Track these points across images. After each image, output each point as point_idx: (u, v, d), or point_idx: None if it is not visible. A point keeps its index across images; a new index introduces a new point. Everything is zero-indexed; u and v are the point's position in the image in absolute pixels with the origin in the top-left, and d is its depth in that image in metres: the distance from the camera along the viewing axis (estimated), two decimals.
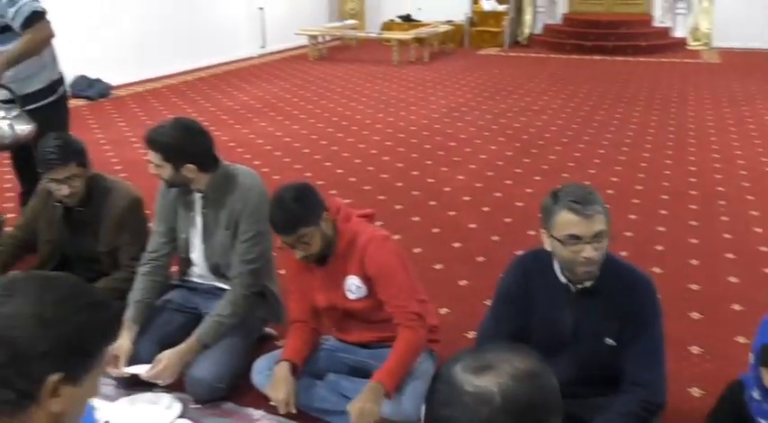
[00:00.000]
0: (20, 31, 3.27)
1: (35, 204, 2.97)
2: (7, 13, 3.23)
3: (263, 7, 11.40)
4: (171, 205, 2.74)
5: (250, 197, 2.61)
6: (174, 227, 2.76)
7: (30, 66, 3.35)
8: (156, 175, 2.64)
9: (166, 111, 7.60)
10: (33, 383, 1.05)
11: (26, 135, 3.32)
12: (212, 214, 2.67)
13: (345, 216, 2.39)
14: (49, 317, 1.07)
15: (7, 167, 5.19)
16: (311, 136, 6.54)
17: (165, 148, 2.52)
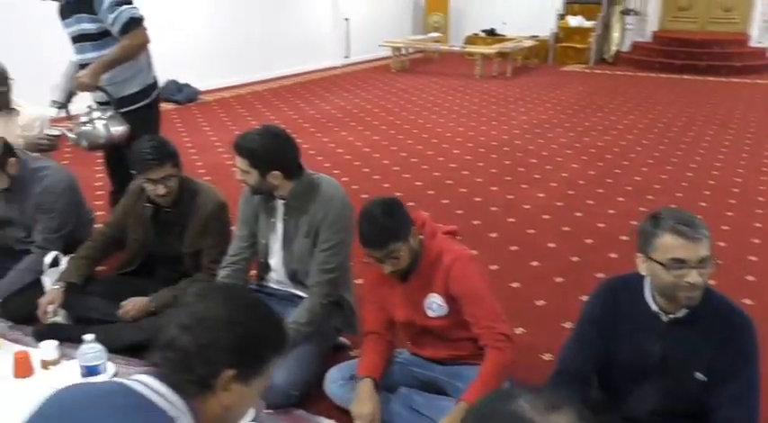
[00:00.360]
0: (118, 36, 3.40)
1: (126, 203, 3.07)
2: (107, 19, 3.36)
3: (349, 18, 11.54)
4: (253, 211, 2.78)
5: (332, 207, 2.62)
6: (255, 232, 2.80)
7: (126, 70, 3.48)
8: (241, 180, 2.68)
9: (251, 117, 7.77)
10: (212, 373, 1.23)
11: (120, 136, 3.44)
12: (293, 221, 2.69)
13: (431, 232, 2.36)
14: (236, 318, 1.25)
15: (98, 167, 5.40)
16: (391, 147, 6.56)
17: (253, 154, 2.56)
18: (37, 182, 3.12)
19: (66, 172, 3.25)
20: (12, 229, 3.25)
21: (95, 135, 3.41)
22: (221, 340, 1.23)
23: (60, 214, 3.15)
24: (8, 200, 3.15)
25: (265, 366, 1.29)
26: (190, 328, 1.23)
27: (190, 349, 1.22)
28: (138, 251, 3.07)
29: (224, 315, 1.25)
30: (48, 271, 3.05)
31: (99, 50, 3.44)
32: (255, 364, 1.28)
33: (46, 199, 3.11)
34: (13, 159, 3.05)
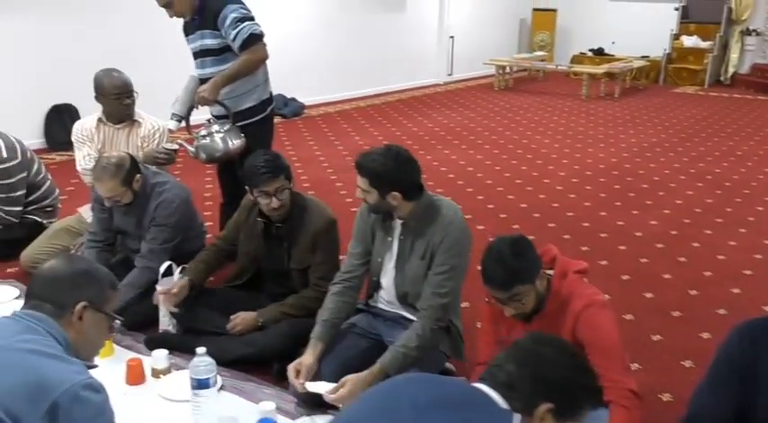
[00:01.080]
0: (238, 51, 3.47)
1: (238, 218, 3.11)
2: (229, 35, 3.43)
3: (454, 36, 11.51)
4: (370, 228, 2.75)
5: (451, 231, 2.55)
6: (369, 249, 2.76)
7: (244, 84, 3.54)
8: (361, 198, 2.65)
9: (354, 132, 7.83)
10: (534, 402, 1.48)
11: (236, 149, 3.50)
12: (409, 242, 2.63)
13: (562, 272, 2.24)
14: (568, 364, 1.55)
15: (208, 177, 5.56)
16: (495, 167, 6.44)
17: (374, 174, 2.52)
18: (155, 197, 3.20)
19: (182, 187, 3.32)
20: (129, 241, 3.35)
21: (213, 148, 3.49)
22: (553, 378, 1.51)
23: (172, 228, 3.22)
24: (126, 212, 3.25)
25: (578, 412, 1.53)
26: (526, 364, 1.51)
27: (523, 378, 1.50)
28: (248, 265, 3.10)
29: (560, 359, 1.54)
30: (162, 280, 3.11)
31: (219, 65, 3.52)
32: (571, 407, 1.52)
33: (161, 213, 3.19)
34: (138, 175, 3.15)
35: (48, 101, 6.54)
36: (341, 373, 2.45)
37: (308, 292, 2.97)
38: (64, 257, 1.82)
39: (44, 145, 6.53)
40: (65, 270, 1.74)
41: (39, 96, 6.46)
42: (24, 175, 3.78)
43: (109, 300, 1.78)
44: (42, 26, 6.40)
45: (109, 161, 3.08)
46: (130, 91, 3.66)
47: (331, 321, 2.64)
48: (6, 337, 1.60)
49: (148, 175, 3.25)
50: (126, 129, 3.72)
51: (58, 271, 1.74)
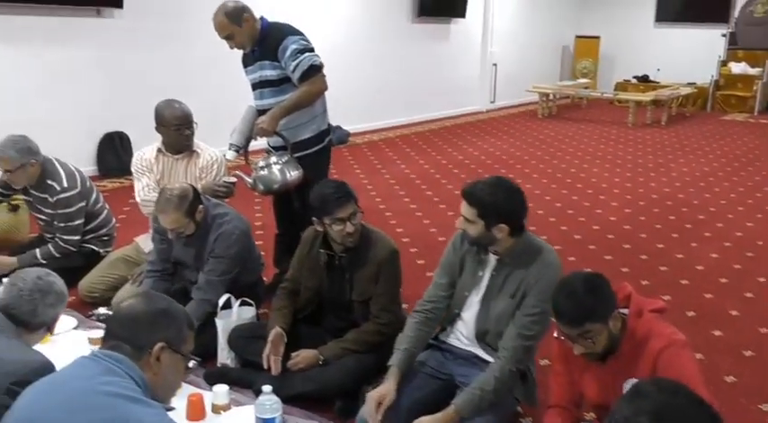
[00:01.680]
0: (297, 82, 3.46)
1: (301, 253, 3.06)
2: (289, 66, 3.43)
3: (497, 63, 11.48)
4: (460, 259, 2.67)
5: (547, 273, 2.46)
6: (455, 282, 2.68)
7: (303, 115, 3.53)
8: (461, 229, 2.56)
9: (400, 161, 7.80)
10: None
11: (294, 180, 3.48)
12: (501, 279, 2.55)
13: (637, 310, 2.14)
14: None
15: (257, 206, 5.56)
16: (545, 197, 6.34)
17: (483, 204, 2.44)
18: (215, 229, 3.17)
19: (242, 220, 3.29)
20: (187, 272, 3.33)
21: (271, 180, 3.47)
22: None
23: (230, 260, 3.18)
24: (186, 244, 3.23)
25: None
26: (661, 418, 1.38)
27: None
28: (311, 298, 3.04)
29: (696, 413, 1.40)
30: (220, 313, 3.08)
31: (278, 96, 3.51)
32: None
33: (220, 245, 3.15)
34: (201, 207, 3.13)
35: (101, 128, 6.63)
36: (413, 415, 2.37)
37: (369, 325, 2.91)
38: (142, 296, 1.79)
39: (96, 172, 6.61)
40: (143, 310, 1.70)
41: (92, 124, 6.56)
42: (83, 204, 3.79)
43: (186, 340, 1.74)
44: (97, 55, 6.51)
45: (172, 193, 3.06)
46: (190, 122, 3.66)
47: (410, 350, 2.57)
48: (88, 379, 1.57)
49: (209, 206, 3.23)
50: (185, 159, 3.72)
51: (136, 310, 1.70)
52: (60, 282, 2.19)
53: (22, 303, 2.07)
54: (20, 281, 2.09)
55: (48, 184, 3.74)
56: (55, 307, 2.14)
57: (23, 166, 3.65)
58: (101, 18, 6.53)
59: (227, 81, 7.22)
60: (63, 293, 2.19)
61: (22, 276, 2.10)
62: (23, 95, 6.03)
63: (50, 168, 3.77)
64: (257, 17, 3.55)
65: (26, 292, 2.07)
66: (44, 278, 2.14)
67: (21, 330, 2.08)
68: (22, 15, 5.94)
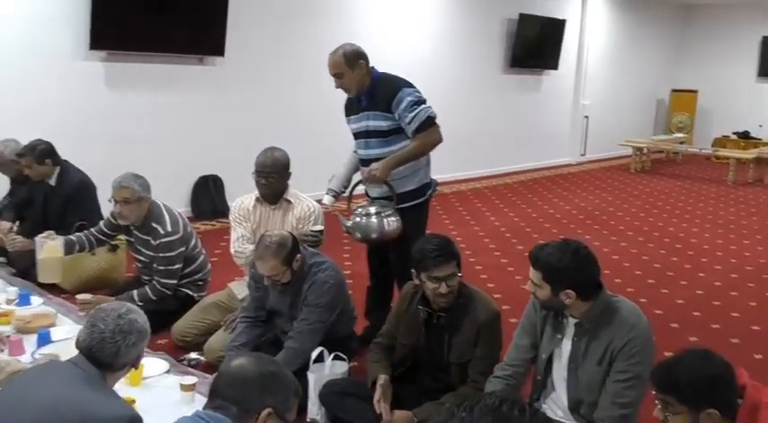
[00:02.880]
0: (411, 134, 3.44)
1: (399, 308, 2.98)
2: (405, 118, 3.43)
3: (588, 115, 11.27)
4: (541, 321, 2.55)
5: (633, 336, 2.31)
6: (537, 344, 2.56)
7: (409, 166, 3.51)
8: (531, 292, 2.48)
9: (489, 212, 7.67)
10: None
11: (392, 232, 3.43)
12: (584, 345, 2.41)
13: (752, 405, 1.87)
14: None
15: (346, 254, 5.52)
16: (642, 257, 6.06)
17: (549, 268, 2.35)
18: (310, 277, 3.13)
19: (337, 270, 3.24)
20: (280, 321, 3.29)
21: (370, 228, 3.44)
22: None
23: (323, 309, 3.12)
24: (282, 292, 3.19)
25: None
26: None
27: None
28: (406, 356, 2.94)
29: None
30: (312, 366, 3.01)
31: (385, 147, 3.51)
32: None
33: (313, 293, 3.10)
34: (299, 255, 3.10)
35: (197, 171, 6.79)
36: None
37: (466, 389, 2.77)
38: (253, 357, 1.73)
39: (190, 214, 6.75)
40: (253, 372, 1.65)
41: (189, 166, 6.73)
42: (183, 249, 3.83)
43: (292, 408, 1.67)
44: (196, 100, 6.72)
45: (271, 240, 3.04)
46: (271, 172, 3.58)
47: None
48: None
49: (307, 255, 3.20)
50: (281, 209, 3.70)
51: (246, 372, 1.65)
52: (142, 318, 2.10)
53: (105, 346, 1.98)
54: (100, 321, 2.00)
55: (152, 226, 3.81)
56: (137, 345, 2.06)
57: (140, 201, 3.75)
58: (203, 66, 6.75)
59: (324, 128, 7.37)
60: (145, 331, 2.10)
61: (102, 317, 2.02)
62: (127, 137, 6.25)
63: (156, 211, 3.84)
64: (370, 67, 3.56)
65: (108, 334, 1.98)
66: (125, 316, 2.04)
67: (104, 372, 2.01)
68: (131, 63, 6.20)
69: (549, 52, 10.35)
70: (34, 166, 4.56)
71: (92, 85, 6.01)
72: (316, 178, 5.18)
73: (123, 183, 3.73)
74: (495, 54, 9.78)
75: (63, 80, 5.81)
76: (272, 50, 7.20)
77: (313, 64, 7.32)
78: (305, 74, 7.39)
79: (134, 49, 6.13)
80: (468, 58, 9.35)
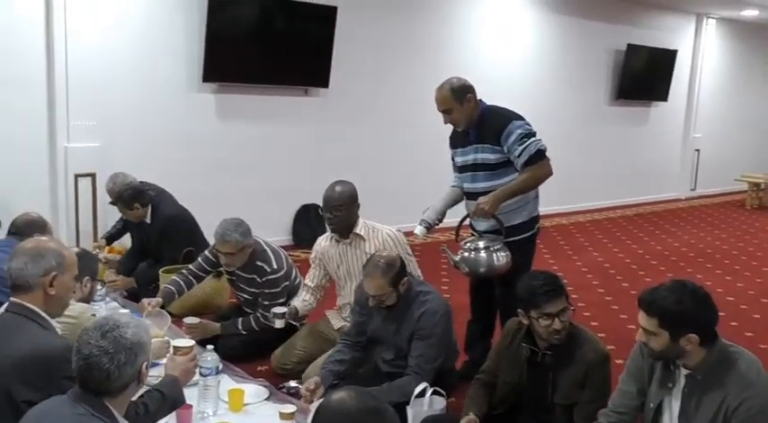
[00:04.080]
0: (521, 167, 3.39)
1: (501, 344, 2.89)
2: (515, 151, 3.38)
3: (700, 149, 10.80)
4: (649, 367, 2.40)
5: (750, 396, 2.12)
6: (645, 390, 2.41)
7: (516, 200, 3.44)
8: (643, 343, 2.32)
9: (592, 248, 7.42)
10: None
11: (502, 267, 3.36)
12: (695, 398, 2.23)
13: None
14: None
15: (445, 287, 5.45)
16: (761, 299, 5.68)
17: (667, 313, 2.19)
18: (418, 305, 3.08)
19: (445, 301, 3.19)
20: (381, 349, 3.25)
21: (478, 263, 3.39)
22: None
23: (438, 342, 3.05)
24: (386, 318, 3.16)
25: None
26: None
27: None
28: (508, 395, 2.84)
29: None
30: (413, 401, 2.94)
31: (492, 180, 3.46)
32: None
33: (426, 324, 3.04)
34: (405, 279, 3.07)
35: (299, 200, 6.92)
36: None
37: None
38: (353, 391, 1.69)
39: (290, 242, 6.87)
40: (353, 406, 1.61)
41: (291, 195, 6.87)
42: (287, 283, 3.88)
43: None
44: (300, 131, 6.88)
45: (380, 259, 3.03)
46: (332, 206, 3.54)
47: None
48: None
49: (414, 282, 3.16)
50: (352, 244, 3.66)
51: (346, 407, 1.61)
52: (132, 330, 1.88)
53: (92, 373, 1.81)
54: (84, 346, 1.82)
55: (257, 265, 3.85)
56: (131, 363, 1.85)
57: (243, 249, 3.78)
58: (307, 97, 6.91)
59: (424, 159, 7.40)
60: (137, 344, 1.87)
61: (86, 340, 1.83)
62: (233, 165, 6.45)
63: (259, 249, 3.88)
64: (478, 100, 3.53)
65: (93, 359, 1.80)
66: (109, 335, 1.84)
67: (104, 399, 1.84)
68: (240, 94, 6.43)
69: (658, 83, 10.02)
70: (127, 213, 4.79)
71: (203, 115, 6.26)
72: (413, 209, 5.18)
73: (225, 237, 3.72)
74: (602, 85, 9.56)
75: (177, 111, 6.08)
76: (375, 82, 7.29)
77: (416, 96, 7.39)
78: (407, 106, 7.45)
79: (243, 81, 6.36)
80: (573, 90, 9.18)
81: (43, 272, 2.26)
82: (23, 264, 2.26)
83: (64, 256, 2.34)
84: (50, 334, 2.24)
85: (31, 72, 5.34)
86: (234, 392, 2.93)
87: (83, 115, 5.53)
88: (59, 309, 2.37)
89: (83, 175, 5.59)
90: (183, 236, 4.79)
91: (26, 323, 2.21)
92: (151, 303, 3.63)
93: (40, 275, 2.26)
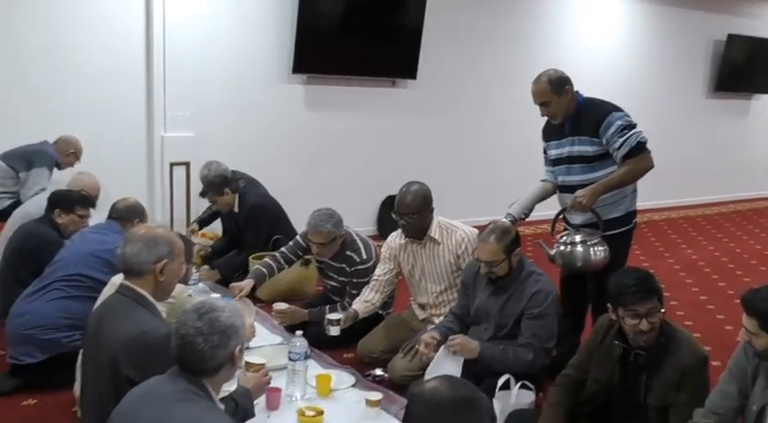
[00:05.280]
0: (620, 160, 3.32)
1: (592, 341, 2.81)
2: (614, 143, 3.31)
3: None
4: (753, 368, 2.32)
5: None
6: (747, 392, 2.33)
7: (614, 193, 3.37)
8: (746, 341, 2.25)
9: (685, 245, 7.17)
10: None
11: (598, 261, 3.30)
12: None
13: None
14: None
15: None
16: None
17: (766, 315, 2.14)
18: (531, 284, 3.08)
19: (554, 284, 3.19)
20: (478, 329, 3.23)
21: (574, 258, 3.33)
22: None
23: (551, 323, 3.06)
24: (493, 293, 3.16)
25: None
26: None
27: None
28: (598, 393, 2.76)
29: None
30: (498, 393, 2.92)
31: (588, 173, 3.40)
32: None
33: (539, 303, 3.04)
34: (518, 250, 3.10)
35: (384, 191, 6.95)
36: None
37: None
38: (446, 380, 1.69)
39: (375, 232, 6.92)
40: (447, 395, 1.61)
41: (377, 186, 6.91)
42: None
43: None
44: (386, 122, 6.92)
45: (496, 226, 3.10)
46: (405, 212, 3.52)
47: None
48: None
49: (525, 260, 3.17)
50: (426, 246, 3.64)
51: (440, 395, 1.61)
52: (226, 314, 1.94)
53: (187, 352, 1.89)
54: (181, 326, 1.91)
55: (347, 255, 3.91)
56: (224, 346, 1.90)
57: (335, 240, 3.84)
58: (395, 88, 6.93)
59: (512, 150, 7.31)
60: (231, 327, 1.93)
61: (184, 320, 1.91)
62: (320, 156, 6.56)
63: (349, 239, 3.94)
64: (575, 91, 3.46)
65: (189, 339, 1.88)
66: (205, 316, 1.91)
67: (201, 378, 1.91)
68: (329, 85, 6.51)
69: (760, 75, 9.53)
70: (218, 200, 4.89)
71: (292, 106, 6.38)
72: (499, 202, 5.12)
73: (318, 228, 3.78)
74: (700, 77, 9.21)
75: (267, 102, 6.22)
76: (462, 73, 7.25)
77: (504, 87, 7.32)
78: (495, 97, 7.38)
79: (332, 73, 6.43)
80: (669, 82, 8.89)
81: (155, 258, 2.35)
82: (137, 250, 2.35)
83: (174, 244, 2.43)
84: (156, 321, 2.32)
85: (131, 66, 5.58)
86: (321, 378, 2.98)
87: (179, 106, 5.74)
88: (166, 294, 2.46)
89: (178, 164, 5.80)
90: (266, 225, 4.90)
91: (136, 308, 2.31)
92: (240, 287, 3.73)
93: (152, 262, 2.35)
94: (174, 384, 1.89)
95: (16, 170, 4.83)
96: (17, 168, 4.83)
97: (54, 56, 5.27)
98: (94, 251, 3.45)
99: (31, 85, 5.22)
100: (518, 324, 3.10)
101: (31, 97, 5.22)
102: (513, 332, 3.11)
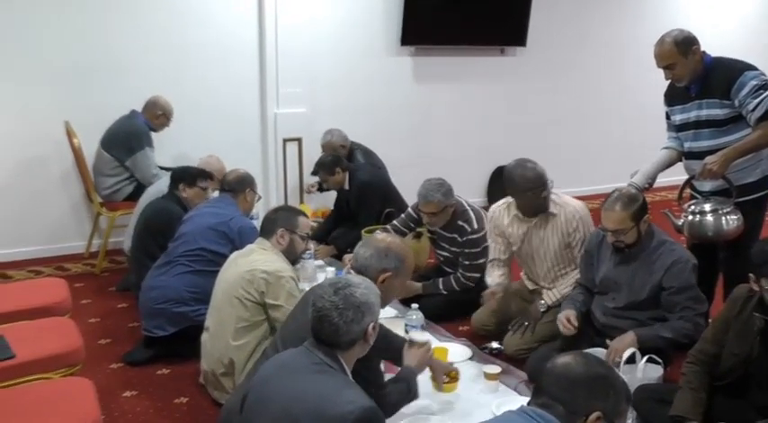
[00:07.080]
0: (754, 122, 3.09)
1: (728, 313, 2.63)
2: (748, 104, 3.08)
3: None
4: None
5: None
6: None
7: (749, 157, 3.15)
8: None
9: None
10: None
11: (731, 231, 3.11)
12: None
13: None
14: None
15: None
16: None
17: None
18: (667, 253, 2.96)
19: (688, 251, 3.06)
20: (604, 299, 3.14)
21: (705, 227, 3.15)
22: None
23: (698, 295, 2.96)
24: (620, 263, 3.06)
25: None
26: None
27: None
28: (735, 367, 2.59)
29: None
30: (623, 367, 2.81)
31: (719, 138, 3.19)
32: None
33: (680, 274, 2.92)
34: (647, 217, 2.98)
35: (495, 161, 6.82)
36: None
37: None
38: (580, 357, 1.63)
39: (485, 203, 6.82)
40: (581, 373, 1.56)
41: (487, 156, 6.80)
42: (486, 244, 3.85)
43: (622, 414, 1.56)
44: (496, 91, 6.79)
45: (622, 192, 3.01)
46: (544, 183, 3.41)
47: None
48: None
49: (655, 228, 3.04)
50: (541, 223, 3.51)
51: (573, 372, 1.57)
52: (361, 290, 1.98)
53: (323, 326, 1.93)
54: (318, 299, 1.96)
55: (458, 224, 3.89)
56: (358, 322, 1.94)
57: (445, 209, 3.83)
58: (504, 56, 6.77)
59: (628, 116, 7.01)
60: (365, 304, 1.96)
61: (320, 294, 1.97)
62: (429, 128, 6.53)
63: (461, 209, 3.92)
64: (702, 51, 3.24)
65: (324, 313, 1.93)
66: (341, 291, 1.96)
67: (336, 351, 1.96)
68: (437, 56, 6.44)
69: None
70: (329, 179, 4.93)
71: (400, 78, 6.36)
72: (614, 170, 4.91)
73: (428, 197, 3.79)
74: None
75: (376, 75, 6.23)
76: (572, 39, 7.01)
77: (617, 52, 7.02)
78: (608, 63, 7.11)
79: (439, 43, 6.35)
80: None
81: (382, 269, 2.43)
82: (369, 255, 2.46)
83: (405, 261, 2.50)
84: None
85: (245, 46, 5.71)
86: (438, 350, 2.96)
87: (290, 83, 5.83)
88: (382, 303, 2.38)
89: (290, 140, 5.92)
90: (378, 200, 4.91)
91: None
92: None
93: (378, 270, 2.43)
94: (310, 356, 1.93)
95: (121, 160, 4.91)
96: (121, 158, 4.91)
97: (171, 35, 5.42)
98: (212, 225, 3.59)
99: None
100: (654, 296, 2.98)
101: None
102: (649, 303, 3.00)
